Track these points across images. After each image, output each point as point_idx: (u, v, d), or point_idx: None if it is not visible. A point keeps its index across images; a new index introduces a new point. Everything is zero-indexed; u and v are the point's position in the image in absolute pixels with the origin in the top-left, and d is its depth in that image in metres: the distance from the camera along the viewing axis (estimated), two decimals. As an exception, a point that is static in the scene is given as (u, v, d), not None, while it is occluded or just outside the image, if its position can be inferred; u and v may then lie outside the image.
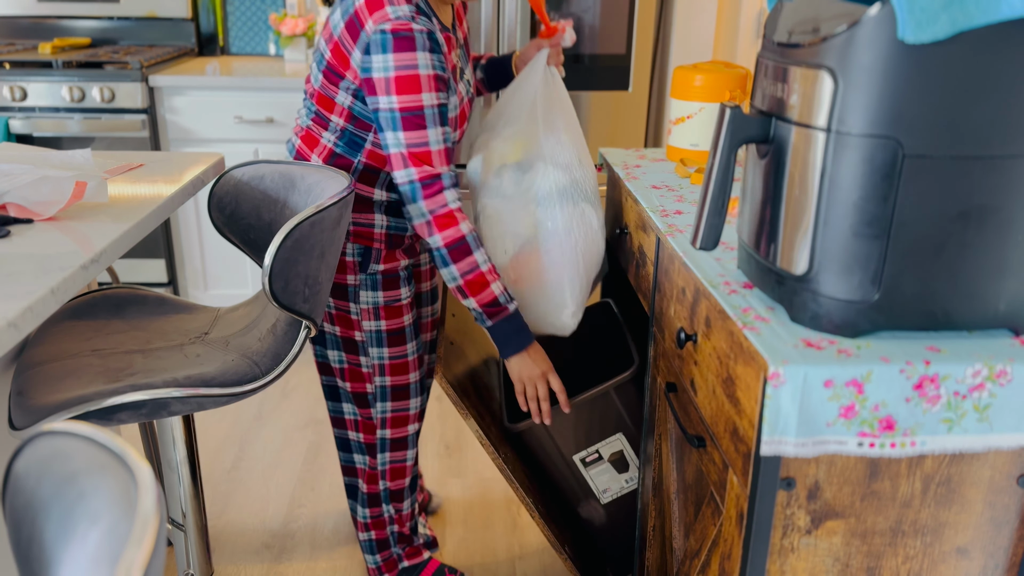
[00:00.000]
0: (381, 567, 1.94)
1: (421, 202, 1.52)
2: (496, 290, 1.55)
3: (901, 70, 0.91)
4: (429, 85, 1.47)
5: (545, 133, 1.64)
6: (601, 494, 1.77)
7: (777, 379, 0.95)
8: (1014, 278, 1.00)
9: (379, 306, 1.70)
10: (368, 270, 1.68)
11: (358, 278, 1.68)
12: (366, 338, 1.73)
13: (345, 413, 1.85)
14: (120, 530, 0.60)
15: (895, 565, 1.08)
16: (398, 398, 1.78)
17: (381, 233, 1.66)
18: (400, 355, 1.75)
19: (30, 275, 1.16)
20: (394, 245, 1.68)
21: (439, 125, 1.50)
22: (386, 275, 1.69)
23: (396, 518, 1.90)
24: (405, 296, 1.72)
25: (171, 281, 3.17)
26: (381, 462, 1.83)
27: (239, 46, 3.56)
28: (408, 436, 1.82)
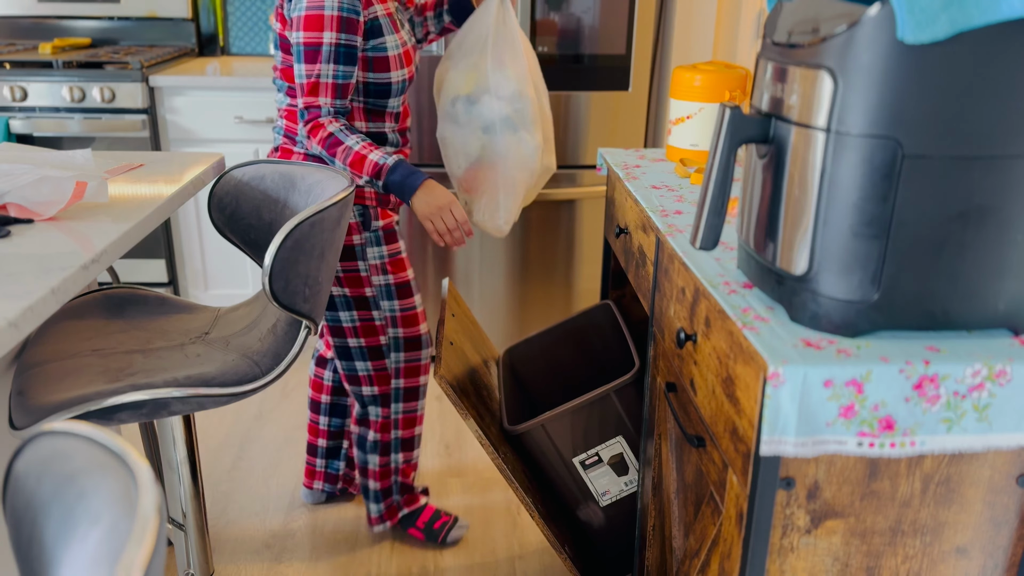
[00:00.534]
0: (383, 514, 2.10)
1: (303, 125, 1.68)
2: (375, 157, 1.67)
3: (901, 70, 0.91)
4: (332, 24, 1.61)
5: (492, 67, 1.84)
6: (600, 497, 1.77)
7: (777, 379, 0.95)
8: (1013, 278, 1.00)
9: (385, 260, 1.87)
10: (371, 227, 1.84)
11: (363, 236, 1.84)
12: (377, 292, 1.89)
13: (359, 370, 1.96)
14: (120, 530, 0.60)
15: (894, 565, 1.08)
16: (411, 348, 1.95)
17: (372, 192, 1.82)
18: (410, 307, 1.93)
19: (30, 275, 1.16)
20: (383, 204, 1.85)
21: (333, 62, 1.63)
22: (386, 230, 1.86)
23: (403, 468, 2.06)
24: (403, 249, 1.91)
25: (171, 281, 3.17)
26: (394, 411, 1.99)
27: (239, 46, 3.56)
28: (419, 386, 1.99)
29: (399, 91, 1.78)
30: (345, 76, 1.65)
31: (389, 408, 1.99)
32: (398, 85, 1.76)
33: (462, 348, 1.94)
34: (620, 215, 1.80)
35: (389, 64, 1.72)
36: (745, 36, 2.82)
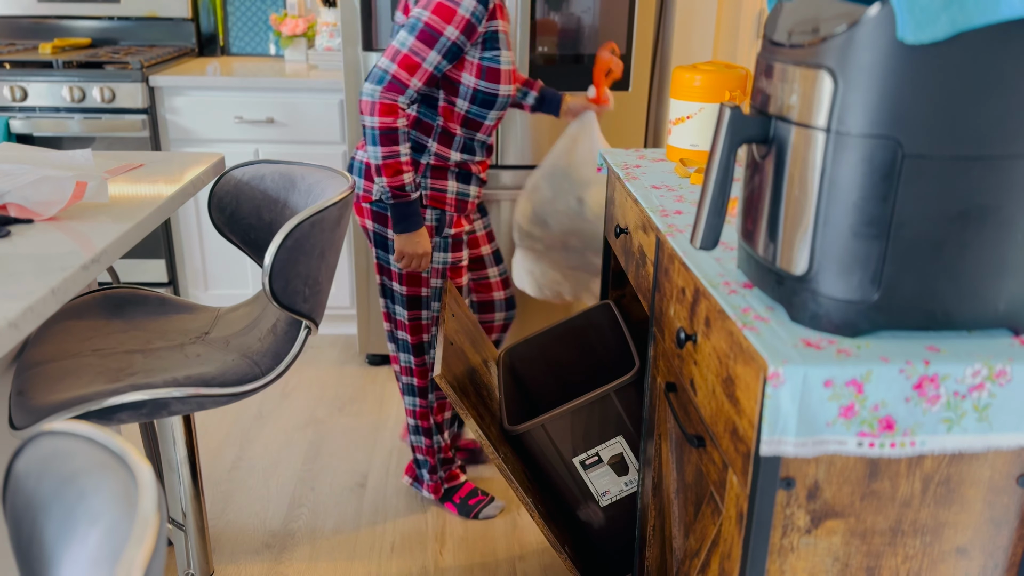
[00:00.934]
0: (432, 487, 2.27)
1: (379, 87, 1.74)
2: (406, 179, 1.79)
3: (901, 70, 0.91)
4: (459, 23, 1.72)
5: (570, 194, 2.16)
6: (600, 497, 1.77)
7: (777, 379, 0.95)
8: (1014, 278, 1.00)
9: (447, 266, 2.00)
10: (443, 233, 1.96)
11: (434, 240, 1.96)
12: (430, 294, 2.00)
13: (402, 361, 2.14)
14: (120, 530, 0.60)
15: (895, 565, 1.08)
16: None
17: (452, 198, 1.94)
18: None
19: (30, 275, 1.16)
20: (460, 210, 1.97)
21: (442, 55, 1.74)
22: (455, 239, 1.99)
23: (444, 446, 2.25)
24: (465, 259, 2.04)
25: (171, 281, 3.17)
26: (430, 401, 2.17)
27: (239, 46, 3.56)
28: None
29: (501, 105, 1.88)
30: (439, 70, 1.76)
31: (426, 399, 2.16)
32: (503, 99, 1.86)
33: (462, 348, 1.94)
34: (620, 215, 1.80)
35: (500, 76, 1.82)
36: (745, 36, 2.82)
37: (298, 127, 3.01)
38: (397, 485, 2.40)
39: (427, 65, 1.74)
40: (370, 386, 2.95)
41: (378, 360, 3.10)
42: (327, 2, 3.36)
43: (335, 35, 3.31)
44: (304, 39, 3.35)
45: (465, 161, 1.93)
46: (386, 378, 3.02)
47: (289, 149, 3.03)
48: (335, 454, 2.54)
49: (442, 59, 1.74)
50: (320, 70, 3.19)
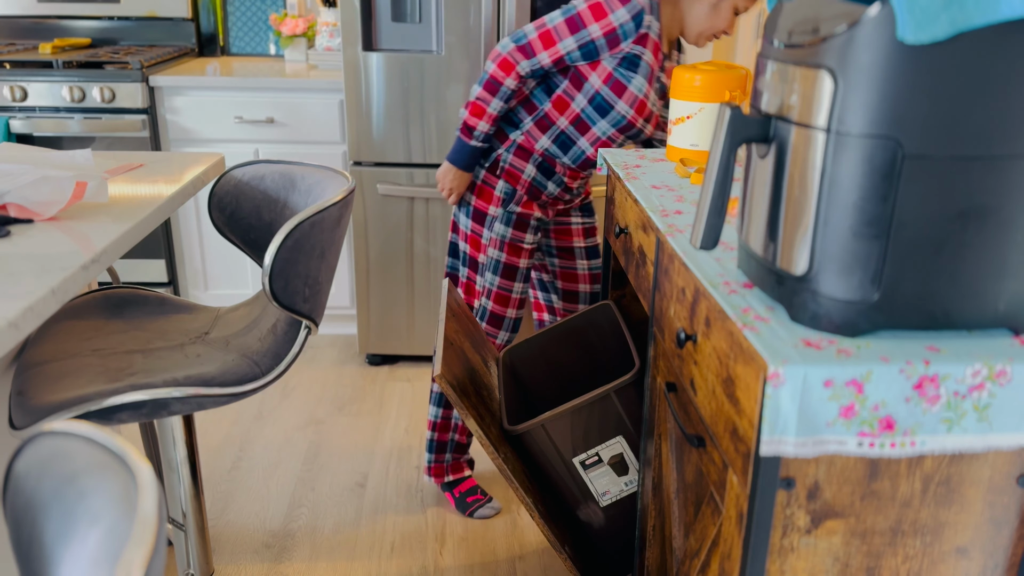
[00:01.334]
0: (431, 468, 2.31)
1: (512, 44, 1.91)
2: (480, 127, 1.96)
3: (901, 70, 0.91)
4: (605, 26, 1.85)
5: None
6: (600, 497, 1.77)
7: (777, 379, 0.95)
8: (1014, 278, 1.00)
9: (505, 240, 2.09)
10: (507, 207, 2.07)
11: (497, 211, 2.07)
12: (486, 262, 2.11)
13: None
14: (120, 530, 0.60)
15: (895, 565, 1.08)
16: (492, 324, 2.16)
17: (527, 181, 2.05)
18: (507, 288, 2.13)
19: (30, 275, 1.16)
20: (533, 196, 2.07)
21: (576, 44, 1.87)
22: (520, 217, 2.08)
23: (461, 427, 2.28)
24: (528, 241, 2.10)
25: (171, 281, 3.17)
26: None
27: (239, 46, 3.56)
28: None
29: (615, 122, 1.96)
30: (570, 60, 1.89)
31: None
32: (617, 116, 1.94)
33: (462, 348, 1.94)
34: (620, 215, 1.80)
35: (624, 94, 1.91)
36: (745, 36, 2.82)
37: (298, 127, 3.01)
38: (397, 485, 2.40)
39: (560, 47, 1.87)
40: (370, 386, 2.95)
41: (378, 360, 3.11)
42: (327, 2, 3.36)
43: (335, 35, 3.31)
44: (304, 39, 3.35)
45: (552, 155, 2.02)
46: (386, 378, 3.02)
47: (289, 149, 3.03)
48: (335, 454, 2.54)
49: (576, 49, 1.87)
50: (320, 70, 3.19)
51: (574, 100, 1.95)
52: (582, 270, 2.28)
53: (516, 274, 2.12)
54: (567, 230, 2.23)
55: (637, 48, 1.88)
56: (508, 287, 2.12)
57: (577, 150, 2.02)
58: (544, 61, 1.89)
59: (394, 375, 3.04)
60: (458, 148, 2.02)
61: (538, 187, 2.06)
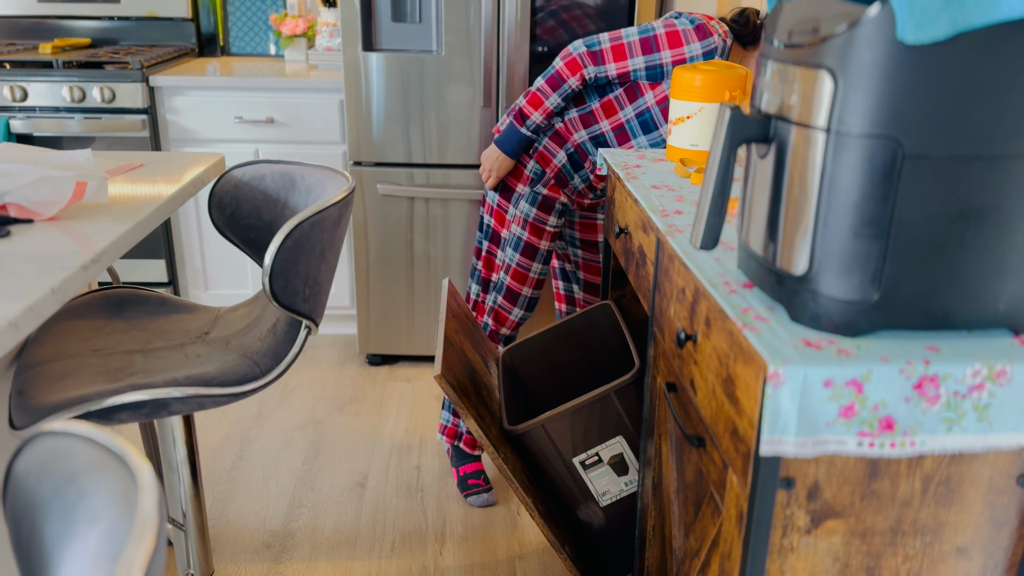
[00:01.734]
0: (447, 428, 2.38)
1: (584, 49, 1.99)
2: (535, 118, 2.04)
3: (901, 70, 0.91)
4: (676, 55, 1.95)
5: None
6: (600, 497, 1.77)
7: (777, 379, 0.95)
8: (1014, 278, 1.00)
9: (528, 220, 2.16)
10: (535, 188, 2.14)
11: (525, 190, 2.14)
12: (508, 238, 2.19)
13: (472, 292, 2.34)
14: (120, 530, 0.60)
15: (895, 565, 1.08)
16: (508, 299, 2.22)
17: (557, 166, 2.13)
18: (525, 267, 2.19)
19: (30, 275, 1.16)
20: (560, 183, 2.14)
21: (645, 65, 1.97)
22: (546, 199, 2.15)
23: None
24: (551, 224, 2.17)
25: (171, 281, 3.17)
26: None
27: (239, 46, 3.56)
28: (499, 333, 2.27)
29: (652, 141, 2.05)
30: (635, 76, 1.98)
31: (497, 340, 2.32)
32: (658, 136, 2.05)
33: (462, 348, 1.94)
34: (620, 215, 1.80)
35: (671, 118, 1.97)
36: (745, 36, 2.81)
37: (298, 127, 3.01)
38: (397, 485, 2.40)
39: (630, 63, 1.96)
40: (370, 386, 2.95)
41: (378, 360, 3.11)
42: (327, 2, 3.36)
43: (335, 35, 3.31)
44: (304, 39, 3.35)
45: (586, 150, 2.09)
46: (386, 378, 3.02)
47: (289, 149, 3.03)
48: (335, 454, 2.54)
49: (644, 68, 1.96)
50: (320, 70, 3.19)
51: (623, 109, 2.03)
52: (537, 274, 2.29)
53: (536, 254, 2.18)
54: (592, 224, 2.32)
55: None
56: (527, 265, 2.18)
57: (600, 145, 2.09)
58: (611, 72, 1.97)
59: (394, 375, 3.04)
60: (508, 133, 2.08)
61: (566, 175, 2.13)
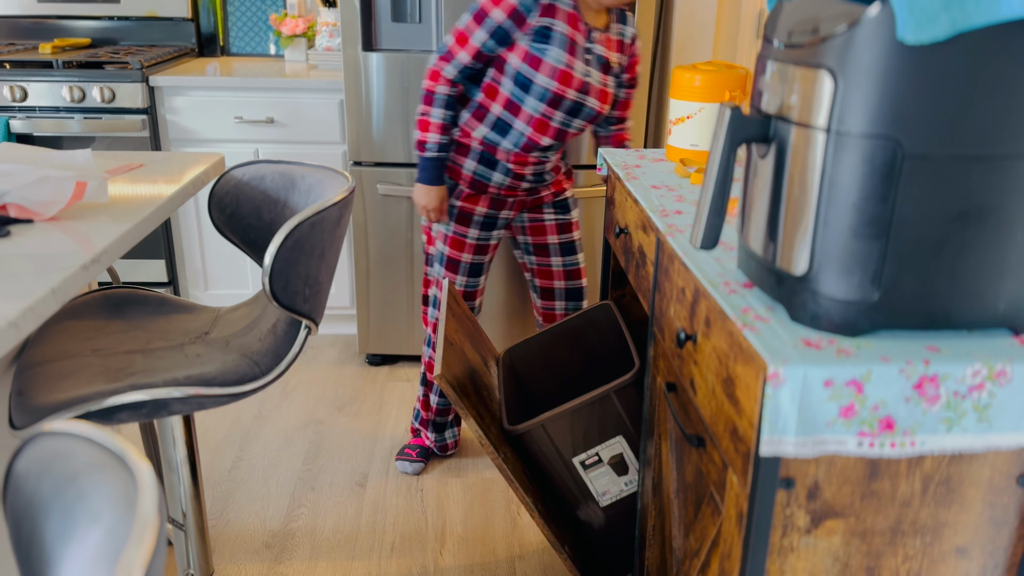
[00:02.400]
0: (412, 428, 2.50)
1: (436, 55, 2.01)
2: (430, 138, 2.03)
3: (901, 70, 0.91)
4: (506, 8, 1.92)
5: None
6: (600, 497, 1.77)
7: (777, 379, 0.95)
8: (1014, 278, 1.00)
9: (449, 235, 2.17)
10: (450, 201, 2.13)
11: None
12: (434, 254, 2.23)
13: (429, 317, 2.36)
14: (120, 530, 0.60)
15: (895, 565, 1.08)
16: None
17: (468, 176, 2.11)
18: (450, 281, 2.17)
19: (30, 275, 1.16)
20: (478, 190, 2.12)
21: (488, 33, 1.94)
22: (461, 212, 2.14)
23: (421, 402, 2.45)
24: (471, 237, 2.16)
25: (171, 281, 3.17)
26: (426, 354, 2.36)
27: (239, 46, 3.56)
28: None
29: (539, 96, 1.99)
30: (488, 50, 1.96)
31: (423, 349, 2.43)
32: (540, 89, 1.98)
33: (462, 348, 1.94)
34: (620, 215, 1.80)
35: (542, 67, 1.96)
36: (745, 36, 2.82)
37: (298, 127, 3.01)
38: (397, 485, 2.40)
39: (474, 41, 1.95)
40: (370, 386, 2.95)
41: (378, 360, 3.10)
42: (327, 2, 3.36)
43: (335, 35, 3.31)
44: (304, 39, 3.35)
45: (492, 142, 2.06)
46: (386, 378, 3.02)
47: (289, 149, 3.03)
48: (335, 454, 2.54)
49: (488, 38, 1.94)
50: (320, 70, 3.19)
51: (502, 84, 2.01)
52: (557, 267, 2.31)
53: (459, 267, 2.20)
54: (541, 227, 2.27)
55: (546, 20, 1.94)
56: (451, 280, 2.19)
57: (515, 132, 2.05)
58: (464, 60, 1.98)
59: (394, 375, 3.04)
60: (421, 165, 2.08)
61: (482, 180, 2.10)
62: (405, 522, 2.24)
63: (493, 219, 2.17)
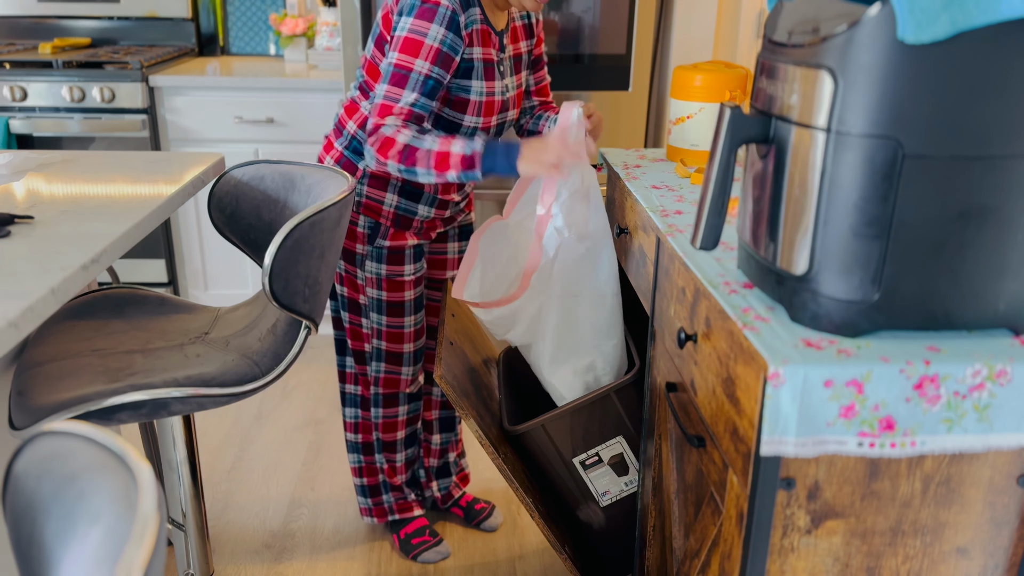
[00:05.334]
0: (372, 510, 2.13)
1: (368, 146, 1.61)
2: (456, 149, 1.56)
3: (901, 70, 0.91)
4: (429, 55, 1.58)
5: None
6: (600, 497, 1.77)
7: (777, 379, 0.95)
8: (1014, 278, 1.00)
9: (382, 278, 1.86)
10: (375, 243, 1.83)
11: (365, 248, 1.84)
12: (368, 303, 1.90)
13: (346, 367, 2.03)
14: (120, 530, 0.60)
15: (895, 565, 1.08)
16: (391, 362, 1.95)
17: (390, 211, 1.80)
18: (397, 325, 1.91)
19: (30, 275, 1.16)
20: (402, 226, 1.82)
21: (418, 91, 1.59)
22: (392, 251, 1.83)
23: (387, 469, 2.07)
24: (408, 273, 1.87)
25: (171, 281, 3.17)
26: (374, 415, 2.01)
27: (239, 46, 3.56)
28: (399, 395, 1.99)
29: (466, 133, 1.73)
30: (423, 108, 1.60)
31: (369, 411, 2.03)
32: (468, 129, 1.73)
33: (462, 348, 1.94)
34: (620, 215, 1.80)
35: (467, 108, 1.70)
36: (745, 36, 2.82)
37: (298, 127, 3.01)
38: (397, 485, 2.40)
39: (404, 104, 1.59)
40: (370, 386, 2.95)
41: (378, 360, 3.10)
42: (327, 2, 3.36)
43: (335, 35, 3.31)
44: (304, 39, 3.35)
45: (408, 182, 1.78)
46: (386, 378, 3.01)
47: (289, 149, 3.03)
48: (335, 454, 2.54)
49: (420, 96, 1.59)
50: (320, 70, 3.19)
51: None
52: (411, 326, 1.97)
53: (403, 308, 1.88)
54: (442, 260, 2.00)
55: (467, 51, 1.64)
56: (398, 324, 1.90)
57: None
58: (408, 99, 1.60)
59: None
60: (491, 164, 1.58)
61: (406, 214, 1.80)
62: (405, 522, 2.24)
63: (422, 248, 1.88)
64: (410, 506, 2.12)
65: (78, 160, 1.75)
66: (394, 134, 1.57)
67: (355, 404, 2.04)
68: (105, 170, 1.68)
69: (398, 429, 2.03)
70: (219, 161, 1.80)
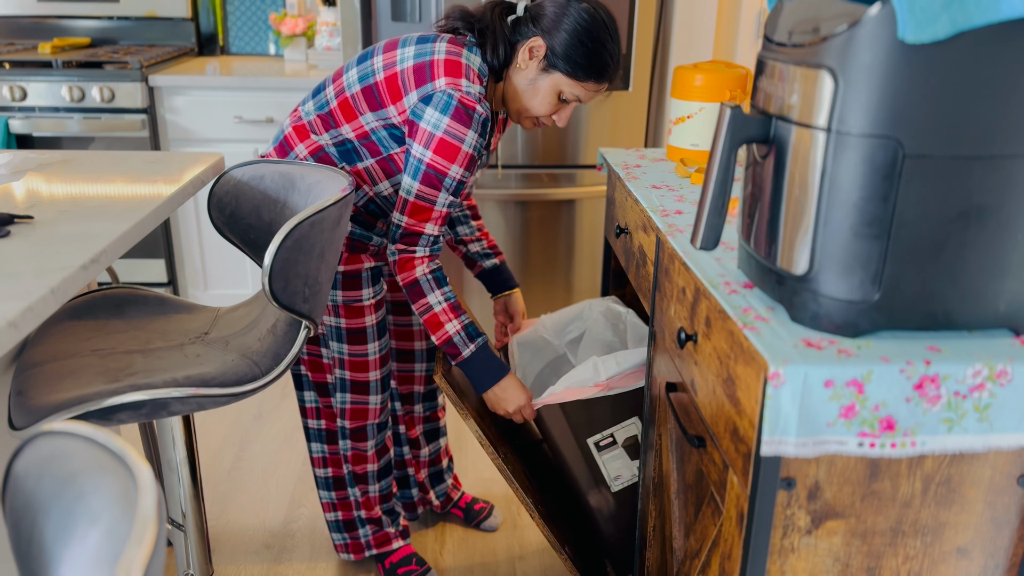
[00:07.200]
0: (348, 545, 2.01)
1: (395, 244, 1.64)
2: (451, 330, 1.63)
3: (901, 70, 0.91)
4: (463, 161, 1.58)
5: None
6: (612, 481, 1.75)
7: (777, 379, 0.95)
8: (1014, 278, 0.99)
9: (338, 304, 1.77)
10: None
11: None
12: (326, 332, 1.81)
13: (307, 401, 1.92)
14: (120, 530, 0.60)
15: (895, 565, 1.08)
16: (357, 391, 1.84)
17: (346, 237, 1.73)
18: (360, 353, 1.81)
19: (30, 275, 1.16)
20: (357, 250, 1.75)
21: (451, 194, 1.61)
22: (347, 276, 1.75)
23: (363, 501, 1.96)
24: (367, 297, 1.78)
25: (171, 281, 3.17)
26: (343, 448, 1.92)
27: (239, 46, 3.56)
28: (367, 427, 1.88)
29: None
30: (452, 206, 1.63)
31: (336, 444, 1.93)
32: None
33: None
34: (620, 215, 1.80)
35: None
36: (745, 36, 2.82)
37: (298, 127, 3.00)
38: (397, 485, 2.40)
39: (440, 207, 1.61)
40: (370, 386, 2.95)
41: (378, 360, 3.10)
42: (327, 2, 3.36)
43: (335, 35, 3.30)
44: (304, 39, 3.35)
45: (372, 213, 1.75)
46: (386, 378, 3.01)
47: (289, 149, 3.03)
48: (335, 454, 2.53)
49: (453, 198, 1.62)
50: (320, 70, 3.19)
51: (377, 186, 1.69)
52: (417, 325, 1.99)
53: (366, 335, 1.79)
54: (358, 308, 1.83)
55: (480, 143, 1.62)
56: (361, 351, 1.80)
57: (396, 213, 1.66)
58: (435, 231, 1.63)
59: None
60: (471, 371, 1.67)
61: (360, 240, 1.74)
62: (405, 522, 2.24)
63: (379, 270, 1.80)
64: (388, 537, 2.01)
65: (78, 160, 1.75)
66: (419, 262, 1.63)
67: (320, 439, 1.93)
68: (105, 170, 1.68)
69: (368, 462, 1.92)
70: (219, 161, 1.80)
